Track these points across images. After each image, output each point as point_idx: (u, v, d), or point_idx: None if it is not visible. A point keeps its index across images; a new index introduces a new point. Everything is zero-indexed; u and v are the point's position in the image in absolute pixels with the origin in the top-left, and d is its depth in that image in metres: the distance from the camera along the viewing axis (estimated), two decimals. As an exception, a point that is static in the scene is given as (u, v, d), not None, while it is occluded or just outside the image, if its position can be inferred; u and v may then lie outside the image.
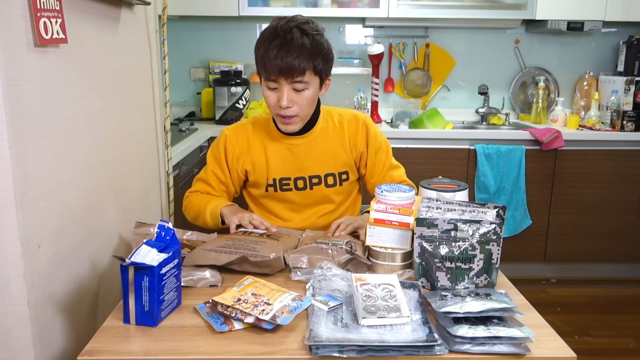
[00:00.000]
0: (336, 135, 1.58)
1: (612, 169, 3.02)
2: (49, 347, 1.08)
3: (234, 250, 1.24)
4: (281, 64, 1.38)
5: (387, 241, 1.23)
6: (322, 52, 1.43)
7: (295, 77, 1.40)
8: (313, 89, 1.45)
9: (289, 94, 1.42)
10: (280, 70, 1.39)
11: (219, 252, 1.24)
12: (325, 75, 1.49)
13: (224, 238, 1.33)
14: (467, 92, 3.54)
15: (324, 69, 1.46)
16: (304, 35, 1.40)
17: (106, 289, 1.36)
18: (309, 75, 1.42)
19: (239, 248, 1.25)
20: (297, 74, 1.40)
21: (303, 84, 1.42)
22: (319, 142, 1.57)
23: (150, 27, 1.72)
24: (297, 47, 1.38)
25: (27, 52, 0.99)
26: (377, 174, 1.62)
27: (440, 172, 2.68)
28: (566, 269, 3.24)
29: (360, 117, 1.61)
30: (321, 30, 1.46)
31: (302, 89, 1.42)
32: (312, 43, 1.41)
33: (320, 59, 1.43)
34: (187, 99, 3.48)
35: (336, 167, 1.58)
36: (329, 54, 1.47)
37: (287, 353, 0.92)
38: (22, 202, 0.97)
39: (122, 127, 1.46)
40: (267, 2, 3.07)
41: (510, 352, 0.92)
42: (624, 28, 3.41)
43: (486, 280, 1.12)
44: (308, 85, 1.43)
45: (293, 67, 1.38)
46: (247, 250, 1.24)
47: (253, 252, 1.23)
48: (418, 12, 3.12)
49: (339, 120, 1.60)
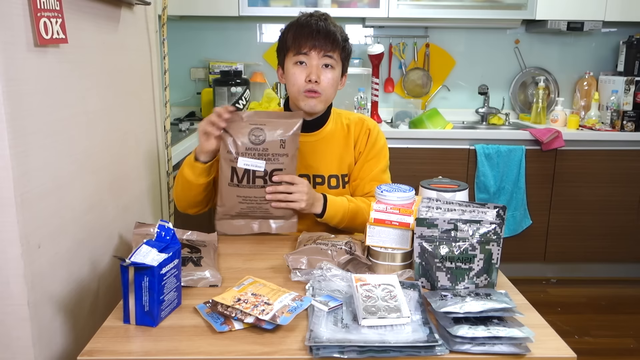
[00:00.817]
0: (343, 137, 1.59)
1: (612, 169, 3.02)
2: (49, 347, 1.08)
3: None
4: (317, 34, 1.44)
5: (387, 241, 1.23)
6: (347, 43, 1.51)
7: (328, 50, 1.45)
8: (337, 73, 1.50)
9: (319, 68, 1.46)
10: (316, 39, 1.44)
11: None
12: (344, 68, 1.54)
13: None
14: (467, 92, 3.54)
15: (345, 60, 1.53)
16: (331, 24, 1.48)
17: (106, 289, 1.36)
18: (337, 56, 1.48)
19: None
20: (330, 47, 1.45)
21: (332, 60, 1.47)
22: (326, 142, 1.57)
23: (150, 27, 1.72)
24: (332, 25, 1.48)
25: (27, 52, 0.99)
26: (359, 179, 1.59)
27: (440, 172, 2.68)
28: (566, 269, 3.24)
29: (367, 123, 1.62)
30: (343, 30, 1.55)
31: (330, 64, 1.47)
32: (341, 32, 1.50)
33: (347, 48, 1.51)
34: (187, 99, 3.48)
35: (340, 170, 1.58)
36: (350, 50, 1.55)
37: (287, 353, 0.92)
38: (22, 202, 0.97)
39: (122, 127, 1.46)
40: (267, 2, 3.07)
41: (511, 352, 0.92)
42: (624, 28, 3.41)
43: (486, 280, 1.12)
44: (335, 65, 1.48)
45: (330, 37, 1.44)
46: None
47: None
48: (418, 12, 3.12)
49: (347, 124, 1.61)
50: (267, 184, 1.40)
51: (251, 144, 1.38)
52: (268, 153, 1.39)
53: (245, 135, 1.38)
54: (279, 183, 1.41)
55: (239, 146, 1.38)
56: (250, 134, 1.38)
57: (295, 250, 1.26)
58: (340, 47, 1.47)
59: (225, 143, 1.39)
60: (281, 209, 1.43)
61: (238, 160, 1.38)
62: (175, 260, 1.05)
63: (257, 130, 1.39)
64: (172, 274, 1.03)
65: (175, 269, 1.05)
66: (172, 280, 1.03)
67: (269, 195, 1.40)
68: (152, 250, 1.02)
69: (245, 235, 1.48)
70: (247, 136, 1.38)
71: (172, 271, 1.03)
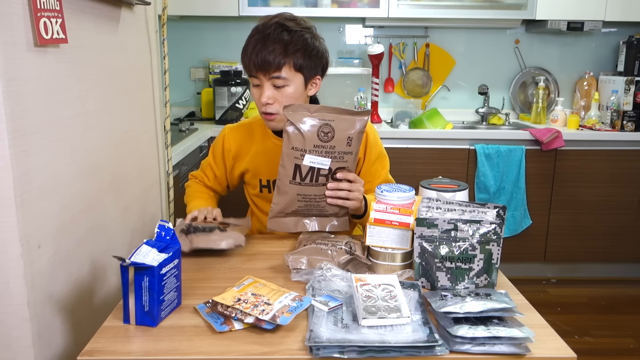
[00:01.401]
0: None
1: (612, 169, 3.02)
2: (49, 347, 1.08)
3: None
4: (256, 59, 1.39)
5: (387, 241, 1.23)
6: (303, 48, 1.41)
7: (272, 72, 1.40)
8: (295, 87, 1.43)
9: (269, 90, 1.42)
10: (255, 65, 1.40)
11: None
12: (310, 73, 1.45)
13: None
14: (467, 92, 3.54)
15: (307, 66, 1.43)
16: (284, 31, 1.40)
17: (106, 289, 1.36)
18: (287, 71, 1.41)
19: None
20: (273, 69, 1.39)
21: (282, 80, 1.41)
22: None
23: (150, 27, 1.72)
24: (273, 41, 1.38)
25: (27, 52, 0.99)
26: (369, 184, 1.56)
27: (440, 172, 2.68)
28: (566, 269, 3.24)
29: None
30: (308, 27, 1.45)
31: (281, 85, 1.41)
32: (291, 38, 1.40)
33: (300, 55, 1.40)
34: (187, 99, 3.48)
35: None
36: (314, 50, 1.43)
37: (287, 353, 0.92)
38: (22, 202, 0.97)
39: (122, 127, 1.46)
40: (267, 2, 3.07)
41: (511, 352, 0.92)
42: (624, 28, 3.41)
43: (486, 280, 1.12)
44: (288, 82, 1.41)
45: (267, 62, 1.38)
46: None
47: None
48: (418, 12, 3.12)
49: None
50: (328, 182, 1.35)
51: (319, 141, 1.31)
52: (335, 151, 1.33)
53: (314, 132, 1.31)
54: (339, 180, 1.36)
55: (307, 143, 1.31)
56: (320, 130, 1.31)
57: (295, 250, 1.26)
58: (289, 62, 1.39)
59: (291, 138, 1.31)
60: (336, 206, 1.38)
61: (305, 158, 1.31)
62: (175, 260, 1.05)
63: (326, 127, 1.31)
64: (172, 274, 1.03)
65: (175, 269, 1.05)
66: (172, 280, 1.03)
67: (330, 192, 1.35)
68: (152, 250, 1.02)
69: (246, 236, 1.48)
70: (315, 133, 1.31)
71: (172, 271, 1.03)
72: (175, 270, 1.05)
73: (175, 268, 1.05)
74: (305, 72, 1.44)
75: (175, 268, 1.05)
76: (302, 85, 1.45)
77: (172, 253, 1.03)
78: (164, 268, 1.00)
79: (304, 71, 1.44)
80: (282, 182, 1.35)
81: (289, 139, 1.31)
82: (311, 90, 1.49)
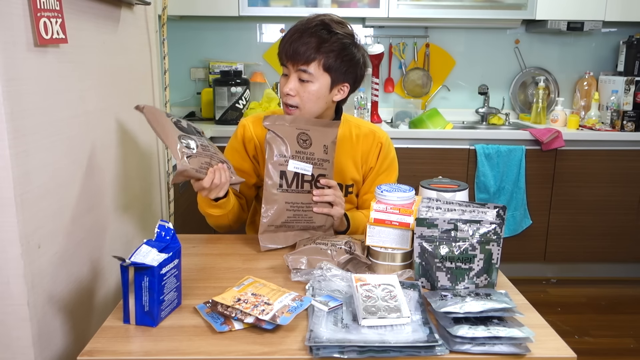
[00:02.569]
0: (351, 148, 1.55)
1: (612, 169, 3.02)
2: (49, 347, 1.08)
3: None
4: (289, 48, 1.39)
5: (387, 241, 1.23)
6: (337, 50, 1.39)
7: (300, 64, 1.39)
8: (319, 85, 1.41)
9: (293, 82, 1.42)
10: (287, 54, 1.40)
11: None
12: (339, 78, 1.43)
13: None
14: (467, 92, 3.54)
15: (337, 69, 1.41)
16: (324, 29, 1.39)
17: (106, 289, 1.36)
18: (315, 67, 1.39)
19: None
20: (301, 61, 1.39)
21: (307, 75, 1.40)
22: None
23: (150, 27, 1.72)
24: (309, 35, 1.38)
25: (27, 52, 0.99)
26: (370, 193, 1.59)
27: (440, 172, 2.68)
28: (566, 269, 3.24)
29: (377, 135, 1.58)
30: (351, 33, 1.43)
31: (306, 79, 1.40)
32: (329, 37, 1.39)
33: (333, 56, 1.39)
34: (187, 99, 3.48)
35: (344, 180, 1.56)
36: (349, 56, 1.42)
37: (287, 353, 0.92)
38: (22, 202, 0.97)
39: (122, 127, 1.46)
40: (267, 2, 3.07)
41: (511, 352, 0.92)
42: (624, 28, 3.41)
43: (486, 280, 1.12)
44: (313, 78, 1.40)
45: (298, 53, 1.38)
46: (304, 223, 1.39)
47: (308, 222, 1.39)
48: (418, 12, 3.12)
49: (356, 134, 1.56)
50: (312, 189, 1.39)
51: (300, 147, 1.37)
52: (314, 157, 1.39)
53: (294, 139, 1.37)
54: (323, 187, 1.40)
55: (289, 149, 1.36)
56: (299, 137, 1.38)
57: (295, 250, 1.26)
58: (319, 59, 1.38)
59: (273, 147, 1.36)
60: (322, 215, 1.40)
61: (289, 163, 1.35)
62: (175, 260, 1.05)
63: (303, 135, 1.38)
64: (172, 274, 1.03)
65: (175, 269, 1.05)
66: (172, 280, 1.03)
67: (316, 197, 1.38)
68: (152, 250, 1.02)
69: (246, 235, 1.48)
70: (295, 139, 1.37)
71: (172, 271, 1.03)
72: (175, 270, 1.05)
73: (175, 268, 1.05)
74: (333, 75, 1.41)
75: (175, 268, 1.05)
76: (328, 86, 1.42)
77: (172, 253, 1.03)
78: (164, 268, 1.00)
79: (333, 73, 1.41)
80: (270, 192, 1.36)
81: (273, 147, 1.36)
82: (337, 96, 1.46)
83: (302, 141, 1.38)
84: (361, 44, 1.48)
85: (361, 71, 1.48)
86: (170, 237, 1.07)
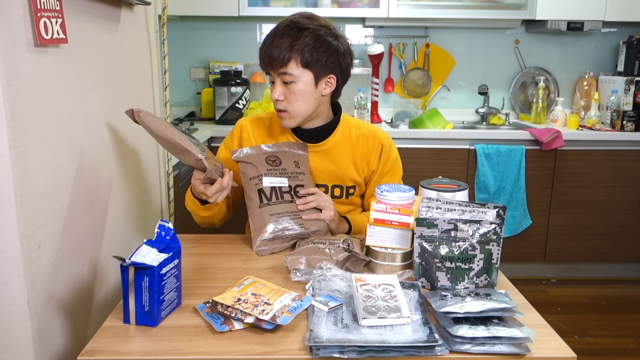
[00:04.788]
0: (350, 150, 1.54)
1: (612, 169, 3.02)
2: (49, 347, 1.08)
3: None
4: (264, 54, 1.41)
5: (387, 241, 1.23)
6: (312, 44, 1.37)
7: (278, 68, 1.39)
8: (303, 84, 1.40)
9: (279, 87, 1.42)
10: (264, 61, 1.42)
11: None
12: (321, 71, 1.41)
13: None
14: (467, 92, 3.54)
15: (317, 62, 1.39)
16: (294, 28, 1.38)
17: (106, 289, 1.36)
18: (294, 67, 1.38)
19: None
20: (279, 64, 1.39)
21: (289, 76, 1.39)
22: (332, 153, 1.52)
23: (150, 27, 1.72)
24: (280, 36, 1.38)
25: (27, 52, 0.99)
26: (373, 198, 1.58)
27: (440, 172, 2.68)
28: (566, 269, 3.24)
29: (378, 137, 1.56)
30: (324, 25, 1.42)
31: (289, 81, 1.40)
32: (300, 35, 1.37)
33: (309, 51, 1.37)
34: (187, 99, 3.48)
35: (344, 182, 1.55)
36: (325, 46, 1.39)
37: (287, 353, 0.92)
38: (22, 202, 0.97)
39: (122, 127, 1.46)
40: (267, 2, 3.07)
41: (510, 352, 0.92)
42: (624, 28, 3.41)
43: (486, 280, 1.12)
44: (295, 78, 1.39)
45: (273, 57, 1.39)
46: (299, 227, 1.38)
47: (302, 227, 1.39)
48: (418, 12, 3.12)
49: (355, 135, 1.55)
50: (294, 199, 1.41)
51: (270, 166, 1.43)
52: (287, 172, 1.44)
53: (263, 161, 1.43)
54: (304, 195, 1.42)
55: (260, 169, 1.42)
56: (267, 159, 1.44)
57: (294, 250, 1.26)
58: (296, 58, 1.37)
59: (247, 173, 1.42)
60: (314, 221, 1.40)
61: (263, 180, 1.40)
62: (176, 260, 1.05)
63: (272, 156, 1.45)
64: (172, 274, 1.03)
65: (175, 269, 1.05)
66: (172, 280, 1.03)
67: (301, 206, 1.39)
68: (152, 250, 1.02)
69: (245, 235, 1.48)
70: (264, 161, 1.43)
71: (172, 271, 1.03)
72: (175, 270, 1.05)
73: (175, 268, 1.05)
74: (314, 69, 1.40)
75: (175, 268, 1.05)
76: (312, 82, 1.41)
77: (172, 253, 1.03)
78: (164, 268, 1.00)
79: (313, 67, 1.39)
80: (253, 210, 1.39)
81: (247, 172, 1.42)
82: (325, 89, 1.44)
83: (272, 161, 1.44)
84: (341, 33, 1.46)
85: (345, 59, 1.46)
86: (170, 237, 1.07)
